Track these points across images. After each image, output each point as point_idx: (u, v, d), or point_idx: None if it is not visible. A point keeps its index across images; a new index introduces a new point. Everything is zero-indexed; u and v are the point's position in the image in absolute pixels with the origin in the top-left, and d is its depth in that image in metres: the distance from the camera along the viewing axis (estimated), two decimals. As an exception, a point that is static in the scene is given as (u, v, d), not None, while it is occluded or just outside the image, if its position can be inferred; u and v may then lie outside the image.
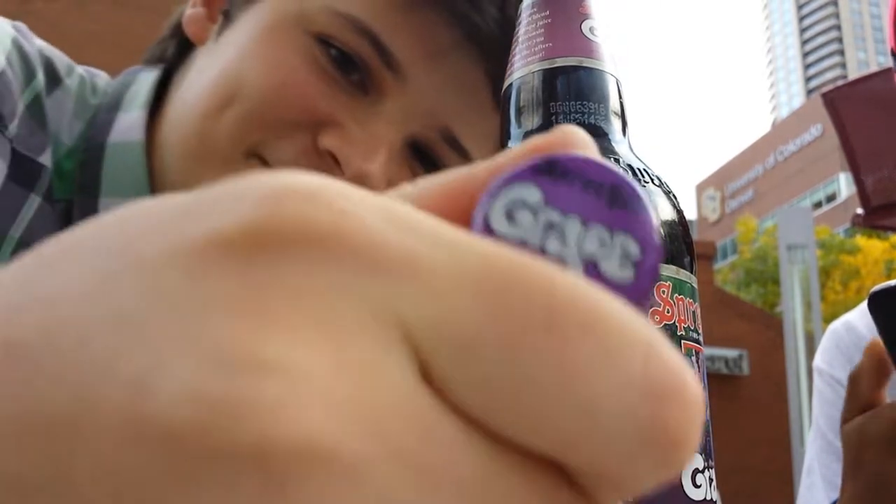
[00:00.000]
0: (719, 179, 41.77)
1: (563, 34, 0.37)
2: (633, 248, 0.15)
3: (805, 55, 65.66)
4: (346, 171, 0.53)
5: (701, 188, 41.92)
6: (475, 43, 0.54)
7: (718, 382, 11.12)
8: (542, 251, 0.15)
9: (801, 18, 66.75)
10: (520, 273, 0.13)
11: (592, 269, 0.15)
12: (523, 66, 0.38)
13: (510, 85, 0.38)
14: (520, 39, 0.39)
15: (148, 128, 0.58)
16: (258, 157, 0.54)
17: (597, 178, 0.16)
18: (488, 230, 0.15)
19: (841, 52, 63.80)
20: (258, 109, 0.53)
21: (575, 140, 0.17)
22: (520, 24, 0.39)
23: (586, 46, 0.37)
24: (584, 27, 0.38)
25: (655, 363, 0.13)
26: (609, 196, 0.15)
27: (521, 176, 0.16)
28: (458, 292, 0.13)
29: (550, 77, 0.37)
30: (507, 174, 0.16)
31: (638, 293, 0.15)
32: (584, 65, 0.37)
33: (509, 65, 0.39)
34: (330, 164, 0.53)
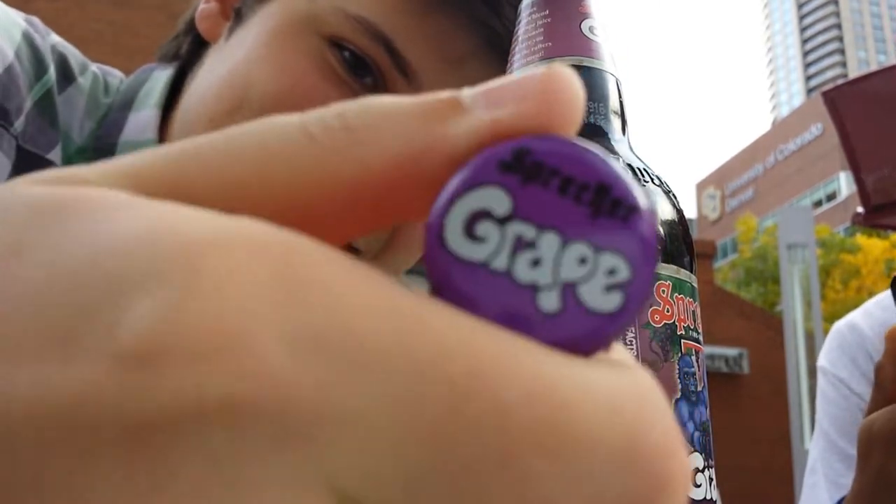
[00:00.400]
0: (719, 178, 41.79)
1: (562, 33, 0.37)
2: (622, 268, 0.13)
3: (805, 54, 65.66)
4: None
5: (701, 187, 41.94)
6: (494, 48, 0.52)
7: (718, 381, 11.12)
8: (510, 276, 0.13)
9: (801, 18, 66.75)
10: (462, 391, 0.11)
11: (571, 297, 0.12)
12: (523, 66, 0.38)
13: (510, 84, 0.38)
14: (519, 39, 0.39)
15: (161, 127, 0.57)
16: None
17: (580, 174, 0.13)
18: (443, 250, 0.13)
19: (841, 52, 63.79)
20: (266, 115, 0.51)
21: (561, 97, 0.13)
22: (519, 23, 0.39)
23: (586, 46, 0.37)
24: (584, 26, 0.38)
25: (638, 470, 0.12)
26: (594, 200, 0.13)
27: (484, 175, 0.13)
28: (392, 432, 0.11)
29: (550, 76, 0.37)
30: (467, 172, 0.13)
31: (623, 322, 0.13)
32: (584, 64, 0.37)
33: (509, 64, 0.39)
34: None
